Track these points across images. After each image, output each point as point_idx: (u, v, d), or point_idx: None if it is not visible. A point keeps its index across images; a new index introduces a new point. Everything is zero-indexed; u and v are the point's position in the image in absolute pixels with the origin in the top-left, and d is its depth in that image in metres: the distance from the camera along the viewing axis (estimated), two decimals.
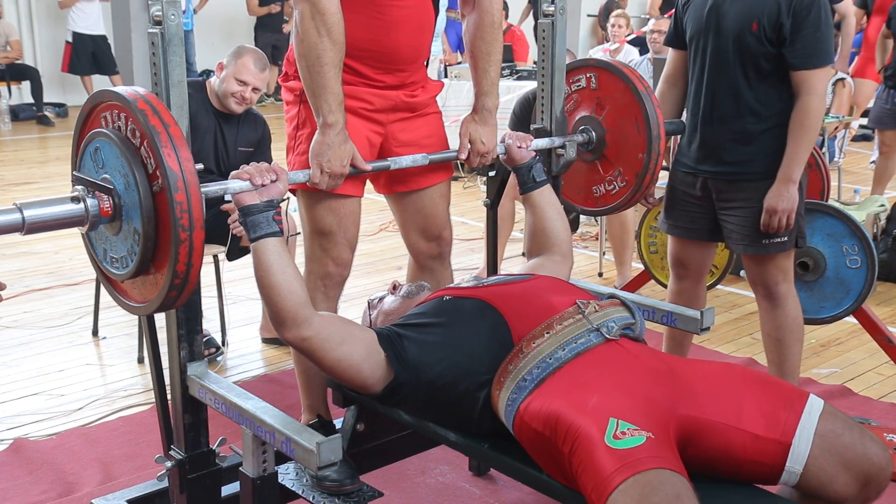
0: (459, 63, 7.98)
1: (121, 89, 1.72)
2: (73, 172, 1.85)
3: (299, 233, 2.61)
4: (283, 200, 1.91)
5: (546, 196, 2.40)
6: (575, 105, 2.62)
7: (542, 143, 2.49)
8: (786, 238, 2.72)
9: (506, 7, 8.17)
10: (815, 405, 1.80)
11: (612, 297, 2.06)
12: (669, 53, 2.94)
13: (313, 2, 2.05)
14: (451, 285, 2.17)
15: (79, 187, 1.76)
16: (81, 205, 1.72)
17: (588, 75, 2.60)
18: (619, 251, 4.55)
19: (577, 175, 2.67)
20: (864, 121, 7.75)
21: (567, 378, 1.80)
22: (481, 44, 2.35)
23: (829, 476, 1.75)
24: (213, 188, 1.83)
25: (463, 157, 2.36)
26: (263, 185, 1.87)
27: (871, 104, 6.70)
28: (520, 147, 2.37)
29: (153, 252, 1.71)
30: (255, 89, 3.48)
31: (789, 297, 2.81)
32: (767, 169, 2.67)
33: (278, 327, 1.87)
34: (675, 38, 2.88)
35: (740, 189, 2.72)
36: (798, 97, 2.61)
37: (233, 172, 1.89)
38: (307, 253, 2.36)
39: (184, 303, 1.82)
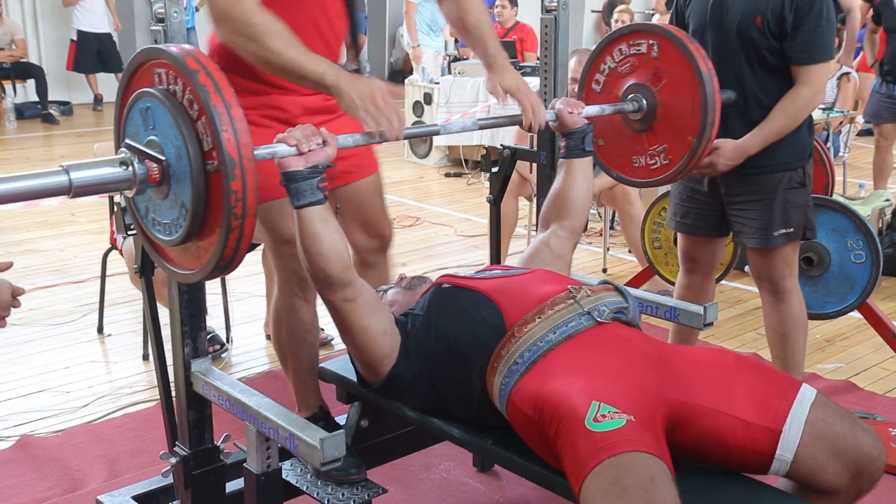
0: (466, 59, 7.96)
1: (177, 51, 1.59)
2: (120, 130, 1.74)
3: None
4: (331, 166, 1.84)
5: (584, 167, 2.34)
6: (630, 69, 2.46)
7: (594, 110, 2.37)
8: (793, 229, 2.71)
9: (515, 3, 8.14)
10: (806, 394, 1.80)
11: (604, 283, 2.07)
12: None
13: (238, 19, 1.91)
14: (451, 274, 2.18)
15: (126, 151, 1.65)
16: (129, 169, 1.62)
17: (651, 42, 2.42)
18: (640, 255, 4.50)
19: (619, 140, 2.53)
20: None
21: (556, 361, 1.81)
22: (470, 17, 2.32)
23: (819, 465, 1.75)
24: (262, 153, 1.72)
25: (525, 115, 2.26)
26: (310, 150, 1.80)
27: None
28: (571, 112, 2.30)
29: (200, 229, 1.64)
30: None
31: (794, 292, 2.80)
32: (776, 161, 2.67)
33: (323, 289, 1.87)
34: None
35: (749, 183, 2.71)
36: (794, 86, 2.62)
37: (279, 135, 1.80)
38: (275, 263, 2.30)
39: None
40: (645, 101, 2.42)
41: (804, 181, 2.73)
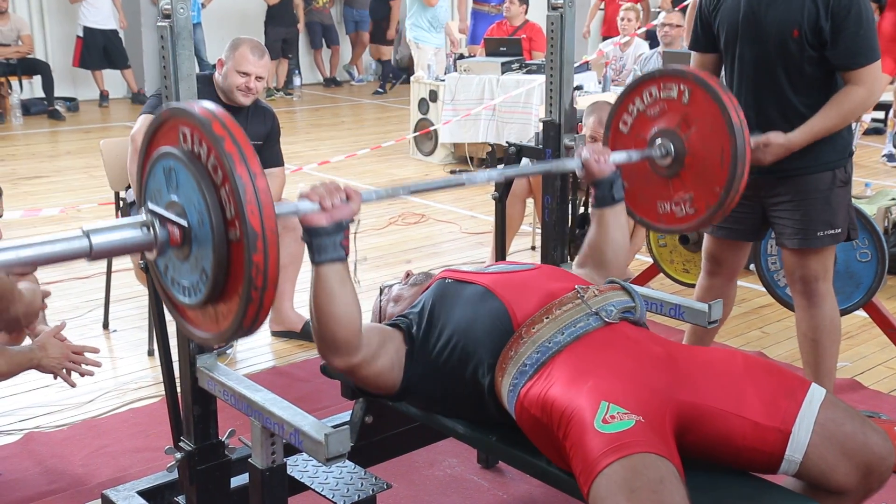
0: (472, 56, 7.96)
1: (203, 114, 1.56)
2: (142, 185, 1.71)
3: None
4: (353, 222, 1.81)
5: (618, 215, 2.26)
6: (659, 113, 2.40)
7: (621, 157, 2.31)
8: (840, 230, 2.68)
9: (525, 1, 8.12)
10: (816, 394, 1.80)
11: (611, 282, 2.06)
12: (695, 57, 2.85)
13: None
14: (454, 268, 2.17)
15: (148, 215, 1.64)
16: (151, 231, 1.61)
17: (682, 87, 2.35)
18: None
19: (644, 184, 2.46)
20: (878, 114, 7.71)
21: (565, 362, 1.81)
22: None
23: (829, 465, 1.75)
24: (284, 211, 1.72)
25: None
26: (334, 206, 1.76)
27: (884, 97, 6.65)
28: (597, 161, 2.23)
29: (219, 295, 1.62)
30: (258, 78, 3.46)
31: (828, 297, 2.76)
32: (821, 161, 2.64)
33: (328, 354, 1.83)
34: (703, 43, 2.80)
35: (794, 184, 2.66)
36: (846, 85, 2.56)
37: (302, 191, 1.78)
38: None
39: None
40: (673, 148, 2.36)
41: (847, 179, 2.70)
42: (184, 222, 1.60)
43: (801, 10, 2.52)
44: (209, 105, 1.59)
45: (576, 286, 1.96)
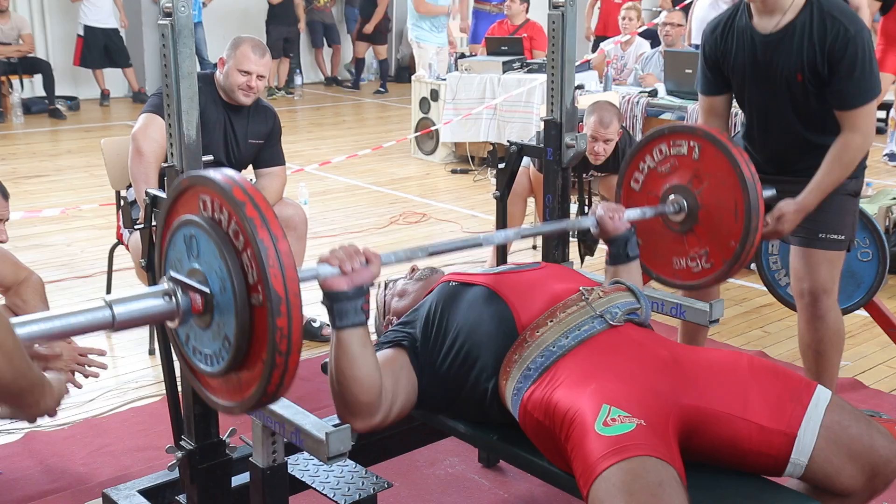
0: (473, 56, 7.95)
1: (226, 183, 1.56)
2: (162, 256, 1.73)
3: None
4: (373, 286, 1.78)
5: (633, 273, 2.25)
6: (671, 169, 2.43)
7: (634, 213, 2.32)
8: (843, 237, 2.70)
9: (526, 0, 8.12)
10: (822, 396, 1.79)
11: (616, 282, 2.05)
12: (704, 100, 2.85)
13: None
14: (457, 271, 2.17)
15: (170, 283, 1.64)
16: (172, 300, 1.61)
17: (692, 143, 2.39)
18: None
19: (658, 240, 2.48)
20: (880, 114, 7.69)
21: (569, 366, 1.80)
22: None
23: (834, 468, 1.74)
24: (306, 276, 1.70)
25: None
26: (354, 270, 1.74)
27: (886, 97, 6.64)
28: (612, 218, 2.24)
29: (243, 362, 1.60)
30: (259, 76, 3.46)
31: (833, 309, 2.77)
32: None
33: (350, 418, 1.80)
34: (711, 86, 2.81)
35: (804, 186, 2.66)
36: (842, 132, 2.57)
37: (321, 255, 1.76)
38: None
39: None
40: (686, 203, 2.38)
41: (858, 191, 2.73)
42: (206, 289, 1.59)
43: (801, 55, 2.54)
44: (229, 172, 1.60)
45: (580, 288, 1.95)
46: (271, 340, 1.50)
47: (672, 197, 2.40)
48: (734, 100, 2.83)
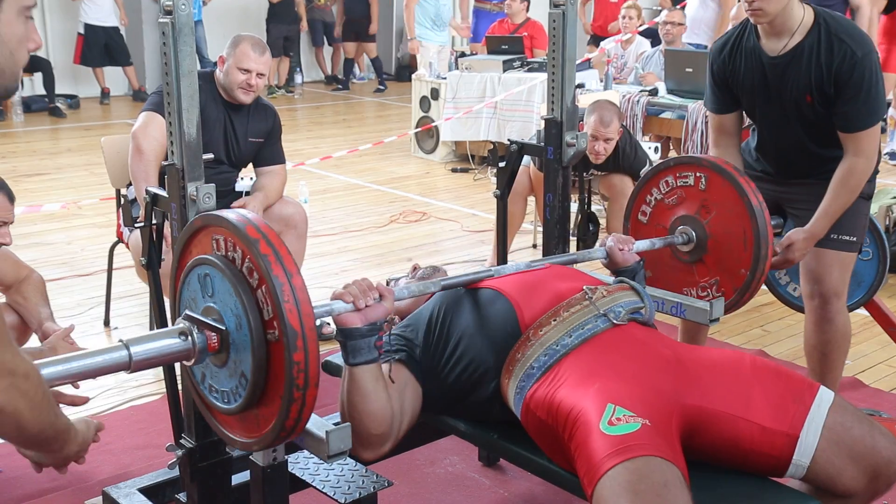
0: (473, 54, 7.95)
1: (239, 222, 1.58)
2: (177, 296, 1.74)
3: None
4: (387, 322, 1.80)
5: None
6: (678, 201, 2.46)
7: (644, 244, 2.34)
8: (854, 238, 2.69)
9: None
10: (824, 397, 1.79)
11: (620, 281, 2.05)
12: (715, 118, 2.85)
13: None
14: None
15: (185, 322, 1.65)
16: (189, 339, 1.63)
17: (698, 174, 2.43)
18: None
19: (670, 271, 2.51)
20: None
21: (573, 365, 1.80)
22: None
23: (836, 469, 1.74)
24: (319, 311, 1.70)
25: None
26: (367, 306, 1.75)
27: (891, 97, 6.62)
28: (621, 249, 2.25)
29: (260, 398, 1.61)
30: (259, 74, 3.45)
31: (841, 312, 2.77)
32: None
33: (361, 450, 1.82)
34: (720, 104, 2.81)
35: (819, 188, 2.66)
36: (845, 156, 2.57)
37: (335, 291, 1.78)
38: None
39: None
40: (695, 234, 2.40)
41: (870, 194, 2.73)
42: (222, 326, 1.61)
43: (810, 76, 2.53)
44: (242, 211, 1.63)
45: (584, 287, 1.95)
46: (288, 375, 1.52)
47: (680, 227, 2.42)
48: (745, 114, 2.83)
